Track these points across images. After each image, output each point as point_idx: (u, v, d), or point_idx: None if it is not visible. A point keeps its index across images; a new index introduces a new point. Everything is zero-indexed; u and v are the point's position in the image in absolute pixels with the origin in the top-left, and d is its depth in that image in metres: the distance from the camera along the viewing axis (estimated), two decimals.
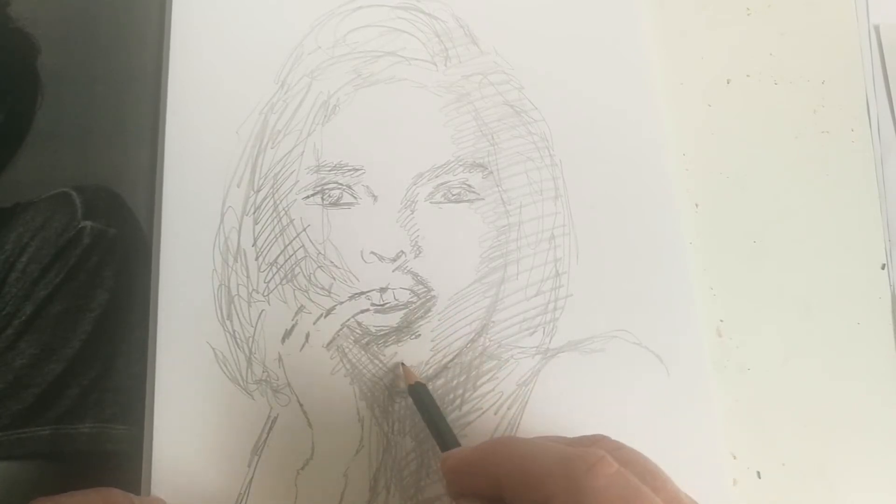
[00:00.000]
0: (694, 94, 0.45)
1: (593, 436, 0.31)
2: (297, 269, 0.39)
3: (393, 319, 0.39)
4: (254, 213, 0.40)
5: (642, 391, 0.39)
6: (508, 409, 0.38)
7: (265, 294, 0.39)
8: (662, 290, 0.40)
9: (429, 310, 0.39)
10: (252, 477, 0.36)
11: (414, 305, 0.39)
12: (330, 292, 0.39)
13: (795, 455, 0.39)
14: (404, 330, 0.39)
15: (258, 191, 0.41)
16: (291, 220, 0.40)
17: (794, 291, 0.42)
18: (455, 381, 0.38)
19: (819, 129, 0.45)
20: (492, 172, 0.42)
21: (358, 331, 0.39)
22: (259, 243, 0.40)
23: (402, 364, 0.38)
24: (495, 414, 0.38)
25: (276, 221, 0.40)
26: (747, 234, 0.43)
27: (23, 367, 0.38)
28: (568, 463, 0.27)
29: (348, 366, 0.38)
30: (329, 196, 0.40)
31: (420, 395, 0.36)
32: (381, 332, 0.39)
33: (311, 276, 0.39)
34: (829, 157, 0.44)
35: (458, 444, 0.34)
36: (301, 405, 0.38)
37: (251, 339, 0.38)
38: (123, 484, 0.35)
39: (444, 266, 0.40)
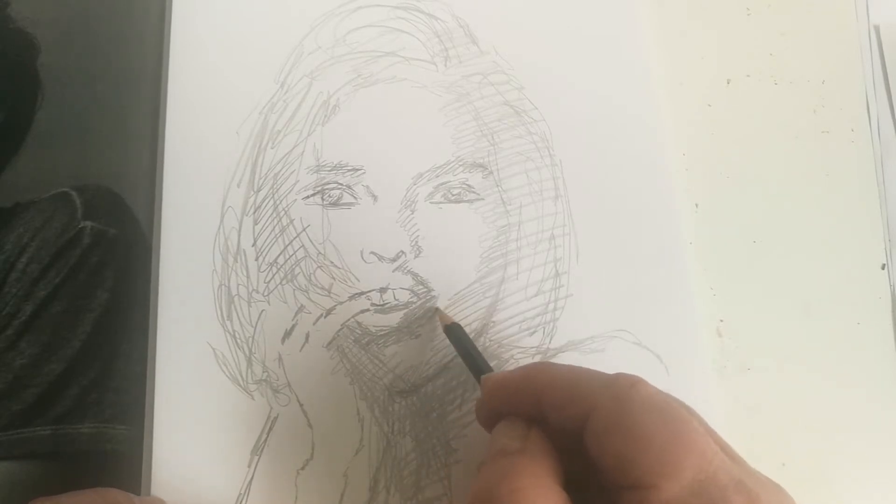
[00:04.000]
0: (694, 94, 0.45)
1: None
2: (297, 269, 0.39)
3: (393, 319, 0.39)
4: (254, 213, 0.40)
5: None
6: None
7: (265, 294, 0.39)
8: (662, 291, 0.40)
9: (429, 310, 0.39)
10: (252, 477, 0.36)
11: (414, 305, 0.39)
12: (330, 292, 0.39)
13: (795, 455, 0.39)
14: (404, 330, 0.39)
15: (258, 191, 0.41)
16: (291, 220, 0.40)
17: (794, 291, 0.42)
18: (455, 381, 0.38)
19: (819, 129, 0.45)
20: (492, 172, 0.42)
21: (358, 331, 0.39)
22: (259, 243, 0.40)
23: (437, 308, 0.38)
24: None
25: (276, 221, 0.40)
26: (747, 234, 0.43)
27: (23, 367, 0.38)
28: (611, 381, 0.28)
29: (348, 366, 0.38)
30: (329, 196, 0.40)
31: (457, 334, 0.37)
32: (381, 332, 0.39)
33: (311, 276, 0.39)
34: (829, 157, 0.44)
35: None
36: (301, 405, 0.38)
37: (251, 339, 0.38)
38: (123, 484, 0.35)
39: (444, 266, 0.40)
